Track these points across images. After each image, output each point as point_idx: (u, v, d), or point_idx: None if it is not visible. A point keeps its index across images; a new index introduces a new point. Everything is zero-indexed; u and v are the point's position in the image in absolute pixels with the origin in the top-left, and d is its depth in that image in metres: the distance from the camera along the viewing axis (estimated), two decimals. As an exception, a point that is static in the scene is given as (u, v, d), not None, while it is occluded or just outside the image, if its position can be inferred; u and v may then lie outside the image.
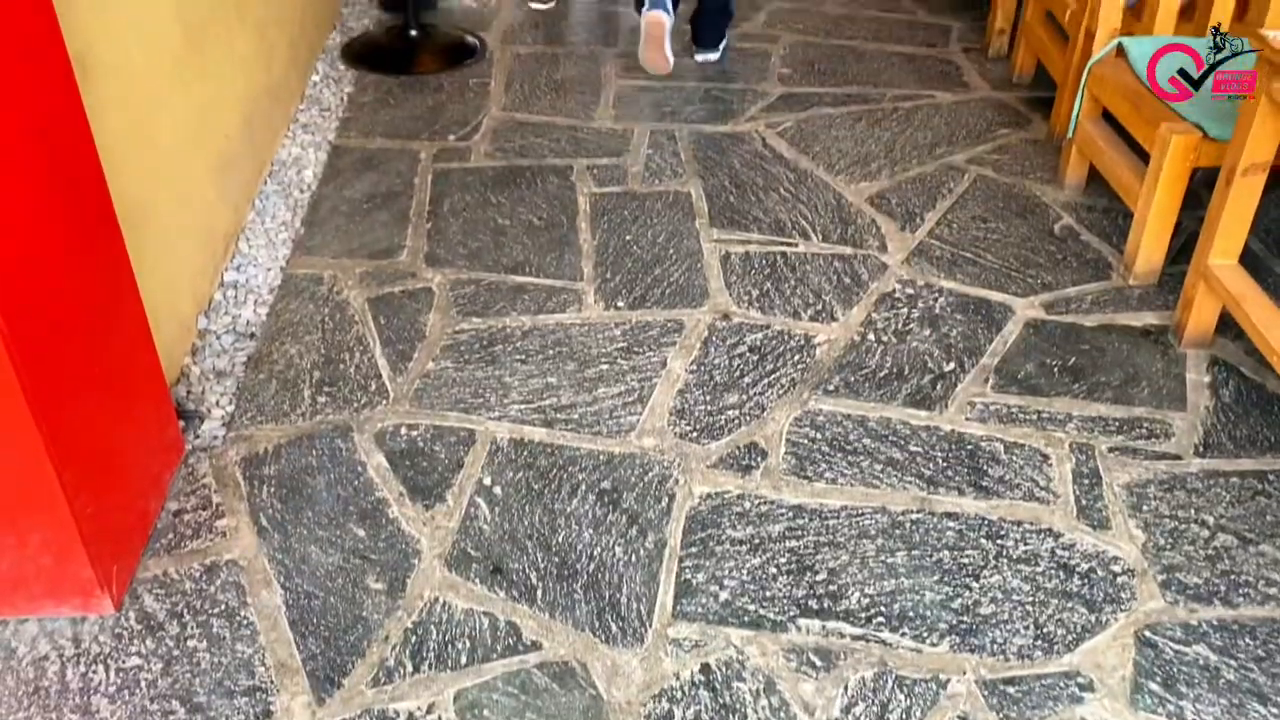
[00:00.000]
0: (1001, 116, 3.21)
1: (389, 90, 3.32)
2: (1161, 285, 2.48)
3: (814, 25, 3.83)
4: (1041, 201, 2.79)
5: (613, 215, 2.73)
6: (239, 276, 2.45)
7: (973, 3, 3.94)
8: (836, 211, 2.75)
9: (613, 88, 3.39)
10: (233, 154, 2.56)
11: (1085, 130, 2.70)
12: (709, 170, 2.93)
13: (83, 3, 1.79)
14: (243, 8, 2.66)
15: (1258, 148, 2.02)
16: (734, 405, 2.12)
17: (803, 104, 3.29)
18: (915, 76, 3.46)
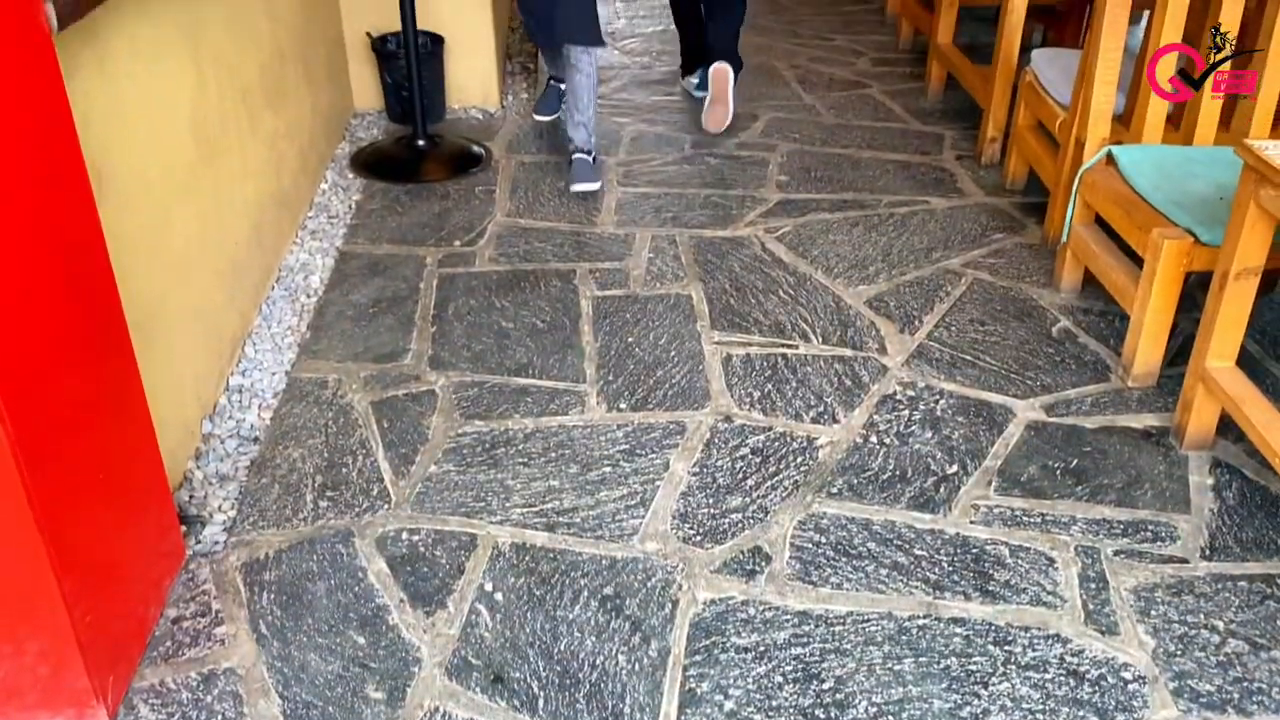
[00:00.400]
0: (996, 222, 3.27)
1: (396, 198, 3.40)
2: (1160, 387, 2.49)
3: (810, 134, 3.93)
4: (1038, 305, 2.83)
5: (615, 318, 2.76)
6: (244, 380, 2.47)
7: (964, 112, 4.05)
8: (836, 314, 2.79)
9: (614, 194, 3.47)
10: (241, 260, 2.60)
11: (1079, 235, 2.75)
12: (709, 273, 2.98)
13: (101, 117, 1.85)
14: (255, 120, 2.74)
15: (1249, 253, 2.06)
16: (737, 508, 2.11)
17: (800, 209, 3.36)
18: (910, 183, 3.54)
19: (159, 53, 2.15)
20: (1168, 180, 2.51)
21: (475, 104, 4.11)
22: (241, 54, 2.67)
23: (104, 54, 1.88)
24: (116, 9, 1.89)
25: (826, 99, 4.27)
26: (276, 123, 2.93)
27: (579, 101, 3.41)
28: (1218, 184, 2.45)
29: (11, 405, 1.37)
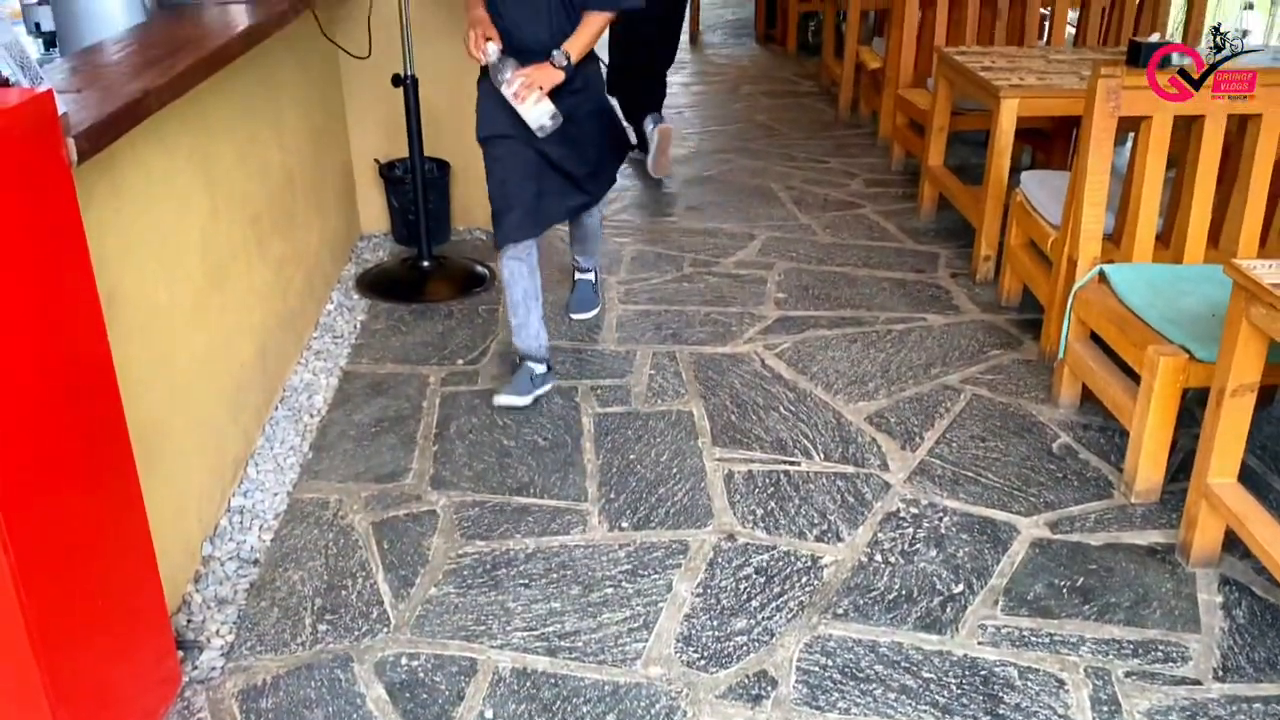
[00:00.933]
0: (993, 338, 3.31)
1: (401, 317, 3.45)
2: (1164, 503, 2.48)
3: (806, 253, 4.00)
4: (1038, 420, 2.84)
5: (616, 435, 2.77)
6: (246, 502, 2.46)
7: (957, 231, 4.14)
8: (837, 430, 2.80)
9: (615, 312, 3.51)
10: (246, 381, 2.63)
11: (1075, 352, 2.78)
12: (710, 390, 3.00)
13: (114, 244, 1.90)
14: (263, 245, 2.80)
15: (1243, 370, 2.08)
16: (742, 631, 2.09)
17: (799, 326, 3.40)
18: (906, 300, 3.59)
19: (171, 183, 2.22)
20: (1160, 298, 2.55)
21: (479, 226, 4.20)
22: (252, 183, 2.75)
23: (119, 184, 1.94)
24: (132, 142, 1.95)
25: (822, 219, 4.36)
26: (284, 247, 2.99)
27: (589, 240, 3.37)
28: (1209, 301, 2.49)
29: (14, 529, 1.37)
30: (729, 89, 6.75)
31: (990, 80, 3.56)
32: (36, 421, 1.44)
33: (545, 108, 2.66)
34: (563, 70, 2.69)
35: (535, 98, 2.65)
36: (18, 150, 1.40)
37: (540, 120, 2.67)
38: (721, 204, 4.57)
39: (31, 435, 1.43)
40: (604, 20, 2.73)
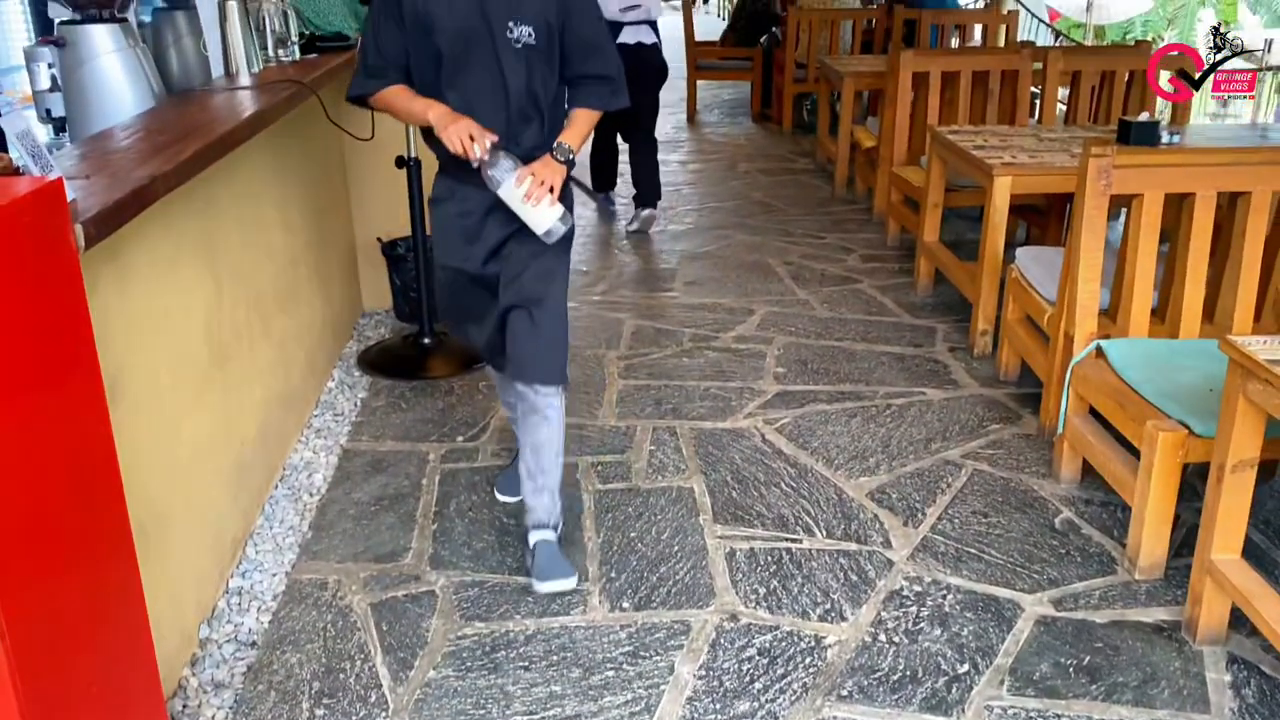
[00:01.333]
0: (992, 413, 3.32)
1: (401, 394, 3.46)
2: (1168, 579, 2.47)
3: (805, 327, 4.03)
4: (1040, 495, 2.83)
5: (617, 512, 2.76)
6: (244, 583, 2.45)
7: (954, 306, 4.17)
8: (839, 507, 2.79)
9: (615, 387, 3.53)
10: (247, 460, 2.63)
11: (1074, 427, 2.79)
12: (711, 466, 3.00)
13: (119, 327, 1.92)
14: (267, 323, 2.82)
15: (1242, 445, 2.09)
16: (746, 714, 2.06)
17: (799, 401, 3.41)
18: (905, 375, 3.60)
19: (176, 265, 2.25)
20: (1158, 373, 2.57)
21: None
22: (257, 263, 2.78)
23: (125, 268, 1.97)
24: (139, 227, 1.98)
25: (819, 294, 4.40)
26: (287, 325, 3.02)
27: (542, 460, 2.44)
28: (1207, 375, 2.50)
29: (10, 614, 1.36)
30: (726, 166, 6.86)
31: (983, 159, 3.62)
32: (36, 507, 1.44)
33: (556, 209, 2.31)
34: (566, 166, 2.35)
35: (546, 198, 2.28)
36: (27, 238, 1.43)
37: (550, 224, 2.30)
38: (720, 279, 4.62)
39: (31, 521, 1.42)
40: (595, 119, 2.45)
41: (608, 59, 2.40)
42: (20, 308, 1.40)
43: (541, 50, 2.29)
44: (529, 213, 2.29)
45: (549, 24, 2.27)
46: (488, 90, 2.29)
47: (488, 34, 2.24)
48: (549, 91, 2.35)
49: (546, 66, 2.32)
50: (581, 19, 2.33)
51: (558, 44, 2.31)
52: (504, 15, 2.24)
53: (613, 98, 2.43)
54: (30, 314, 1.43)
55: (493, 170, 2.26)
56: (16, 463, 1.39)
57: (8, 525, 1.37)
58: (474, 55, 2.27)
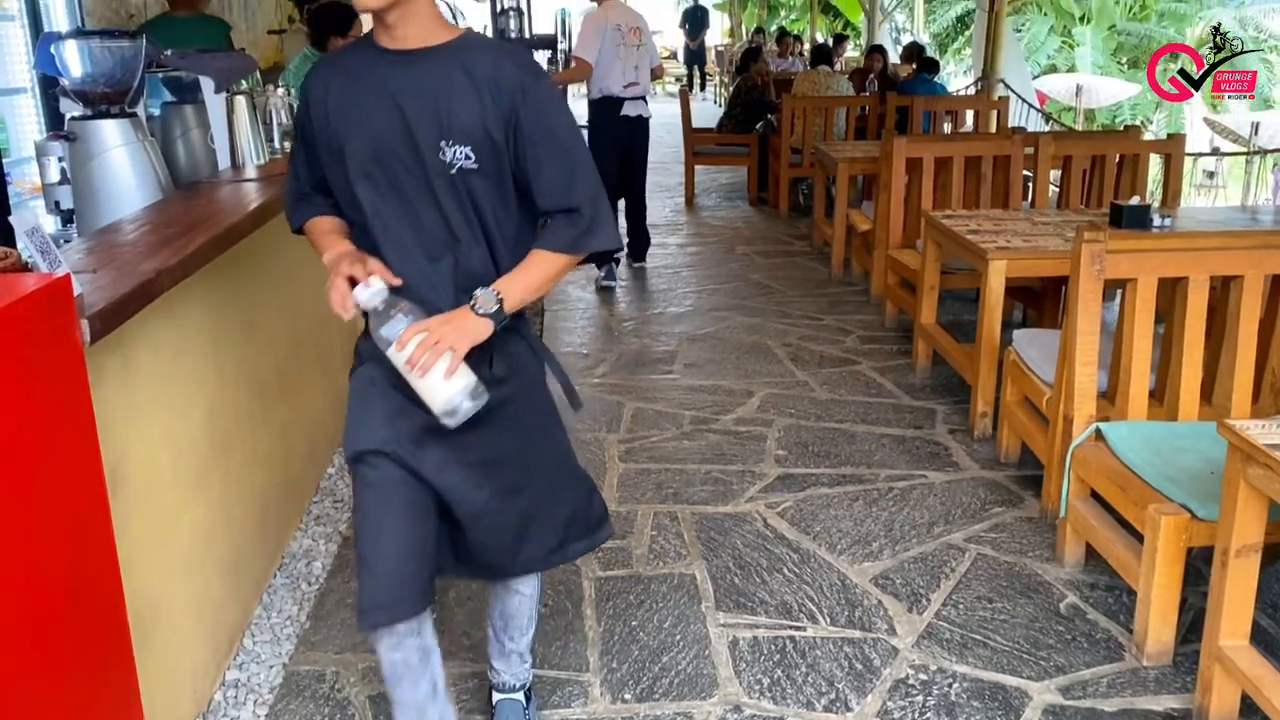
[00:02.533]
0: (994, 495, 3.30)
1: (401, 480, 3.44)
2: (1177, 665, 2.43)
3: (805, 409, 4.04)
4: (1044, 580, 2.81)
5: (618, 600, 2.74)
6: (241, 675, 2.41)
7: (953, 387, 4.19)
8: (842, 593, 2.76)
9: (616, 471, 3.52)
10: (246, 549, 2.61)
11: (1077, 510, 2.78)
12: (712, 551, 2.98)
13: (121, 420, 1.92)
14: (268, 411, 2.83)
15: (1245, 530, 2.08)
16: (749, 809, 2.01)
17: (800, 484, 3.40)
18: (906, 457, 3.60)
19: (180, 355, 2.26)
20: (1158, 456, 2.57)
21: (480, 386, 4.25)
22: (259, 352, 2.80)
23: (129, 359, 1.98)
24: (143, 319, 2.00)
25: (819, 375, 4.42)
26: (289, 412, 3.02)
27: (511, 628, 2.16)
28: (1207, 458, 2.50)
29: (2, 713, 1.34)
30: (724, 249, 6.94)
31: (977, 243, 3.67)
32: (33, 606, 1.43)
33: (461, 382, 1.71)
34: (491, 322, 1.73)
35: (444, 365, 1.69)
36: (33, 334, 1.44)
37: (452, 402, 1.71)
38: (719, 361, 4.64)
39: (27, 620, 1.41)
40: (560, 265, 1.82)
41: (577, 186, 1.79)
42: (24, 403, 1.41)
43: (488, 175, 1.75)
44: (418, 384, 1.72)
45: (493, 141, 1.73)
46: (418, 230, 1.78)
47: (414, 157, 1.73)
48: (506, 230, 1.81)
49: (498, 195, 1.78)
50: (537, 133, 1.75)
51: (509, 166, 1.77)
52: (433, 133, 1.72)
53: (582, 238, 1.80)
54: (34, 410, 1.44)
55: (384, 327, 1.71)
56: (15, 560, 1.39)
57: (3, 625, 1.36)
58: (398, 184, 1.76)
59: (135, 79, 2.74)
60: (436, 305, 1.77)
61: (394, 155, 1.75)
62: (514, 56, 1.79)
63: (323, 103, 1.79)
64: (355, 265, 1.76)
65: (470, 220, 1.78)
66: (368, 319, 1.78)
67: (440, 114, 1.72)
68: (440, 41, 1.75)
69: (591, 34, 5.57)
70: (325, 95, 1.79)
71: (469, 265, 1.80)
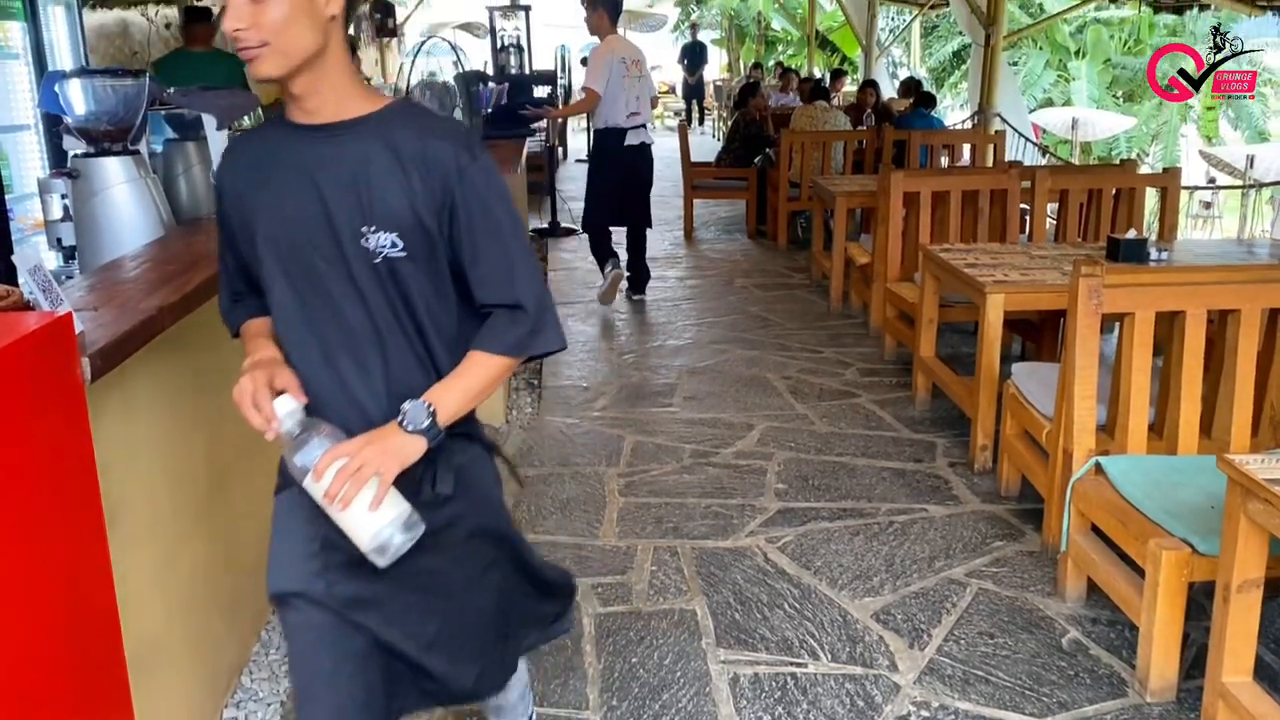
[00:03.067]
0: (995, 529, 3.30)
1: (400, 515, 3.43)
2: (1180, 701, 2.42)
3: (805, 442, 4.04)
4: (1045, 615, 2.80)
5: (618, 637, 2.72)
6: (238, 713, 2.40)
7: (953, 420, 4.19)
8: (843, 628, 2.75)
9: (615, 505, 3.51)
10: (245, 585, 2.60)
11: (1077, 544, 2.77)
12: (713, 587, 2.97)
13: (121, 455, 1.92)
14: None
15: (1247, 565, 2.07)
16: None
17: (800, 518, 3.40)
18: (906, 491, 3.60)
19: (181, 392, 2.27)
20: (1158, 489, 2.56)
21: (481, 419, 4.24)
22: (259, 385, 2.80)
23: (130, 397, 1.99)
24: (144, 356, 2.01)
25: (818, 408, 4.42)
26: (288, 447, 3.02)
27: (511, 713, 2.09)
28: (1207, 492, 2.50)
29: (1, 759, 1.34)
30: (723, 282, 6.96)
31: (975, 277, 3.68)
32: (31, 642, 1.42)
33: (390, 513, 1.47)
34: (423, 439, 1.51)
35: (369, 496, 1.45)
36: (35, 372, 1.45)
37: (380, 537, 1.47)
38: (719, 394, 4.65)
39: (24, 656, 1.41)
40: (502, 368, 1.59)
41: (519, 279, 1.58)
42: (25, 441, 1.41)
43: (419, 265, 1.55)
44: (340, 519, 1.47)
45: (424, 226, 1.53)
46: (342, 330, 1.57)
47: (333, 246, 1.53)
48: (443, 327, 1.60)
49: (431, 288, 1.57)
50: (475, 218, 1.55)
51: (444, 253, 1.57)
52: (354, 218, 1.52)
53: (528, 339, 1.59)
54: (35, 448, 1.44)
55: (298, 454, 1.49)
56: (13, 598, 1.38)
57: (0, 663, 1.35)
58: (317, 278, 1.56)
59: (138, 117, 2.77)
60: (366, 417, 1.56)
61: (311, 245, 1.54)
62: (448, 131, 1.58)
63: (234, 190, 1.60)
64: (276, 374, 1.56)
65: (400, 317, 1.57)
66: None
67: (362, 197, 1.51)
68: (361, 113, 1.54)
69: (602, 67, 5.89)
70: (235, 182, 1.60)
71: (401, 370, 1.58)
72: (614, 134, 6.04)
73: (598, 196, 6.18)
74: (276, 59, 1.46)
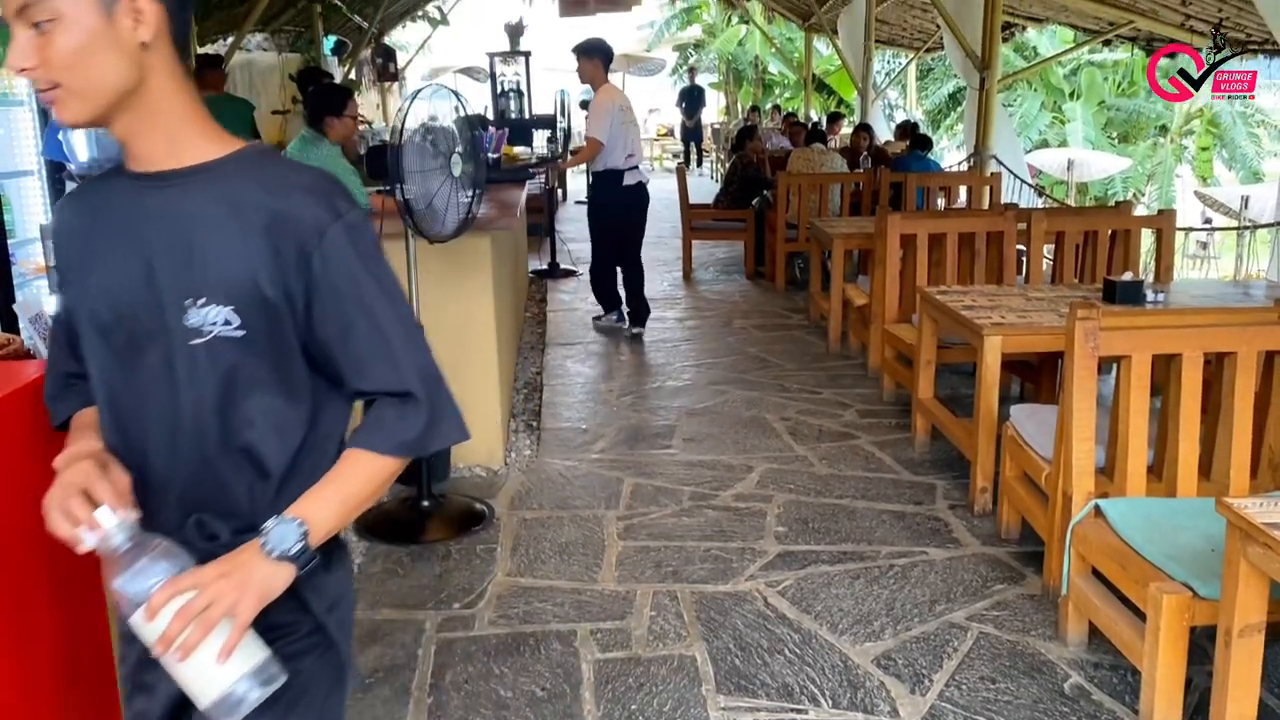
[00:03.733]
0: (995, 572, 3.28)
1: (398, 560, 3.42)
2: (1185, 748, 2.40)
3: (804, 484, 4.03)
4: (1047, 659, 2.78)
5: (617, 683, 2.70)
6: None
7: (952, 462, 4.18)
8: (844, 674, 2.73)
9: (615, 549, 3.50)
10: (241, 632, 2.59)
11: (1078, 588, 2.76)
12: (713, 632, 2.95)
13: (121, 503, 1.92)
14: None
15: (1248, 609, 2.06)
16: None
17: (801, 562, 3.38)
18: (906, 533, 3.58)
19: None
20: (1158, 532, 2.56)
21: (480, 462, 4.25)
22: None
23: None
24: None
25: (818, 450, 4.42)
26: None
27: None
28: (1207, 536, 2.49)
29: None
30: (722, 323, 6.98)
31: (972, 319, 3.70)
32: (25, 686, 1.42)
33: (240, 664, 1.17)
34: (291, 566, 1.22)
35: (216, 644, 1.15)
36: (34, 421, 1.45)
37: (226, 695, 1.17)
38: (718, 435, 4.64)
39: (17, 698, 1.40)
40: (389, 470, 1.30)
41: (403, 361, 1.30)
42: (24, 488, 1.41)
43: (257, 348, 1.26)
44: (177, 671, 1.18)
45: (267, 300, 1.24)
46: (172, 427, 1.28)
47: (157, 321, 1.25)
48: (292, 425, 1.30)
49: (276, 376, 1.28)
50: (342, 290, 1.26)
51: (295, 333, 1.27)
52: (179, 286, 1.24)
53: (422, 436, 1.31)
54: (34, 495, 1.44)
55: (127, 580, 1.17)
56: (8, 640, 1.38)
57: None
58: (141, 359, 1.27)
59: (141, 164, 2.79)
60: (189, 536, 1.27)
61: (135, 318, 1.26)
62: (305, 183, 1.28)
63: (62, 248, 1.35)
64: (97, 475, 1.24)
65: (240, 411, 1.26)
66: None
67: (193, 261, 1.23)
68: (201, 160, 1.27)
69: (604, 117, 6.22)
70: (63, 239, 1.35)
71: (242, 479, 1.28)
72: (614, 175, 6.34)
73: (600, 235, 6.50)
74: (75, 103, 1.20)
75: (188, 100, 1.27)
